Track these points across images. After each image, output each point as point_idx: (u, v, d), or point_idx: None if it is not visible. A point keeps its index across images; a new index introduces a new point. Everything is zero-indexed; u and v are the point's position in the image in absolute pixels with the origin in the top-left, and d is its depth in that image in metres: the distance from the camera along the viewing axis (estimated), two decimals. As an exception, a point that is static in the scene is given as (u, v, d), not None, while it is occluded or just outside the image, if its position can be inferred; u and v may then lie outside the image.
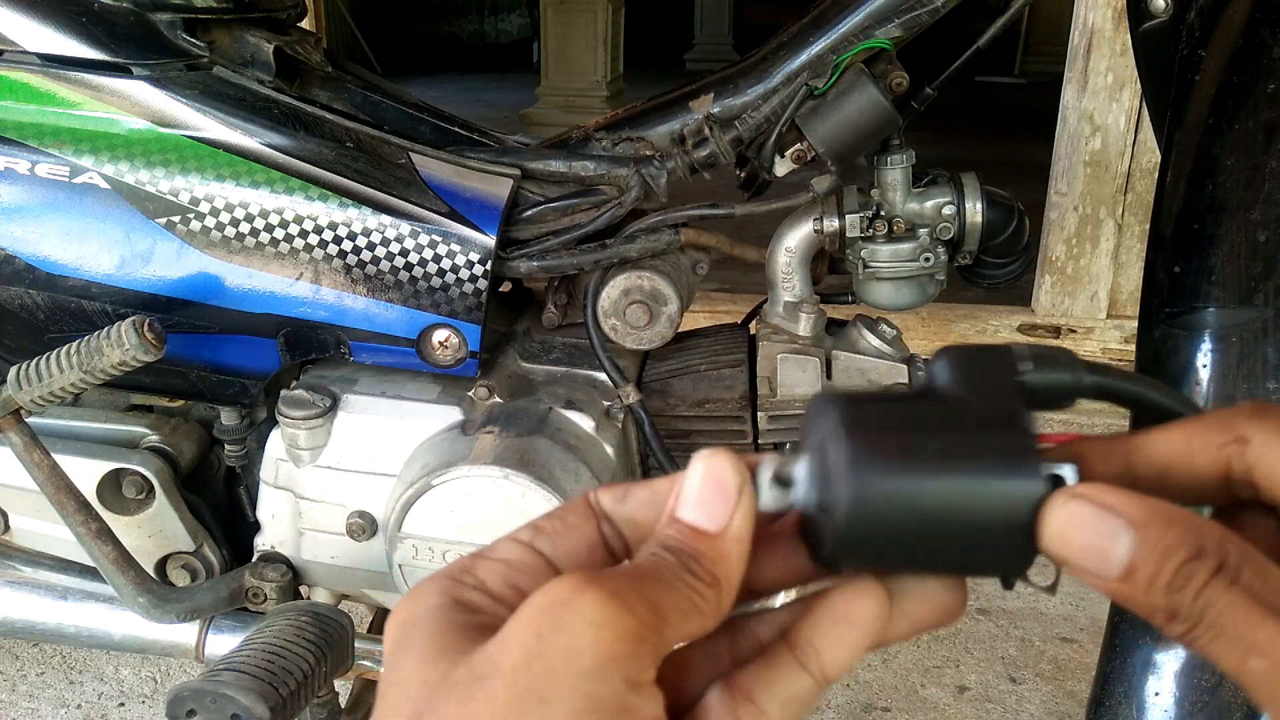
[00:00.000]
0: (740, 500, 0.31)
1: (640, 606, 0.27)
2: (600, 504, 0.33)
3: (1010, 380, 0.32)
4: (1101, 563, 0.29)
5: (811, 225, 0.86)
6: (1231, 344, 0.68)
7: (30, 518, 0.91)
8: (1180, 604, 0.28)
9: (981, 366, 0.32)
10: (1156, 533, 0.28)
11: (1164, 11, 0.77)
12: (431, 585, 0.31)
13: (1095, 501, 0.29)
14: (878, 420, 0.31)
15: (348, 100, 0.92)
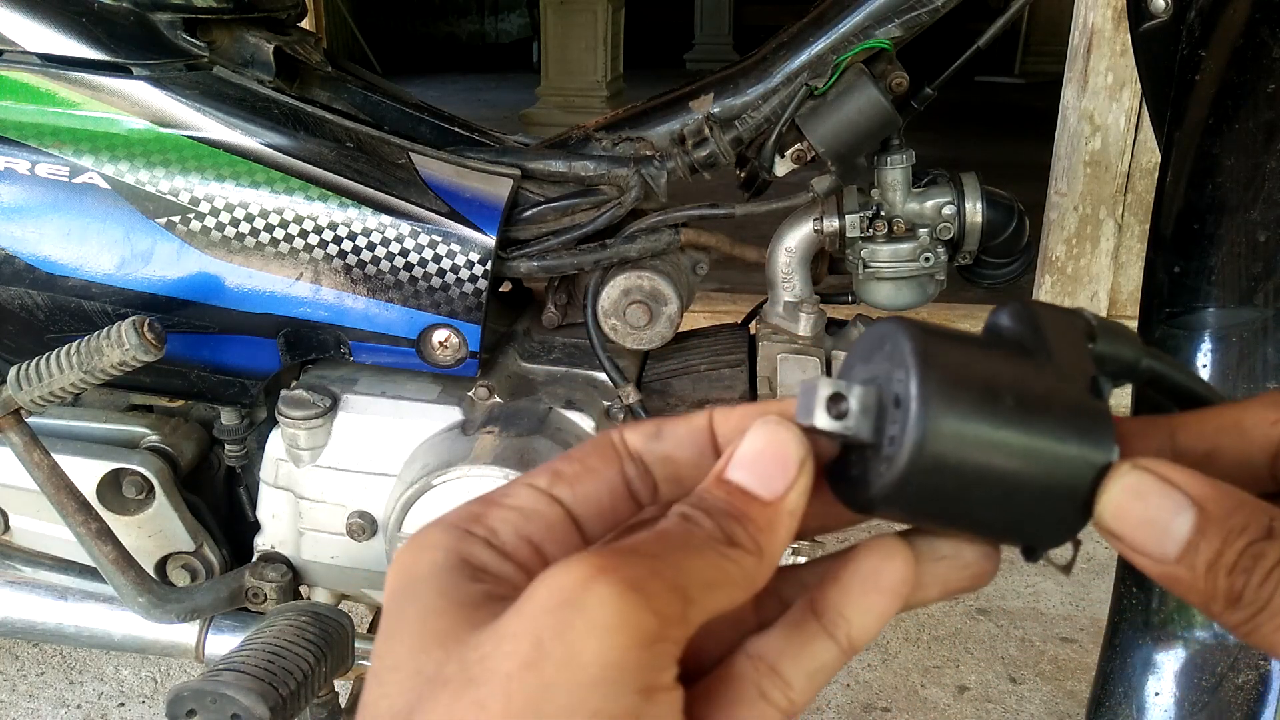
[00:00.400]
0: (801, 472, 0.28)
1: (662, 596, 0.25)
2: (628, 443, 0.31)
3: (1084, 345, 0.31)
4: (1160, 540, 0.27)
5: (811, 225, 0.86)
6: (1231, 344, 0.68)
7: (30, 518, 0.91)
8: (1245, 588, 0.26)
9: (1056, 327, 0.30)
10: (1223, 511, 0.27)
11: (1164, 11, 0.77)
12: (438, 535, 0.28)
13: (1159, 475, 0.27)
14: (955, 358, 0.28)
15: (348, 100, 0.92)
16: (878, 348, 0.30)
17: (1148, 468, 0.28)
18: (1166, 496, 0.27)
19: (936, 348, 0.28)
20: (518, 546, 0.28)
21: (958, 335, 0.29)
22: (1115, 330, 0.32)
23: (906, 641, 1.60)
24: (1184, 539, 0.27)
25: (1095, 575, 1.75)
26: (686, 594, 0.25)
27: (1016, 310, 0.31)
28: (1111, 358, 0.32)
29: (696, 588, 0.26)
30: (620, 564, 0.25)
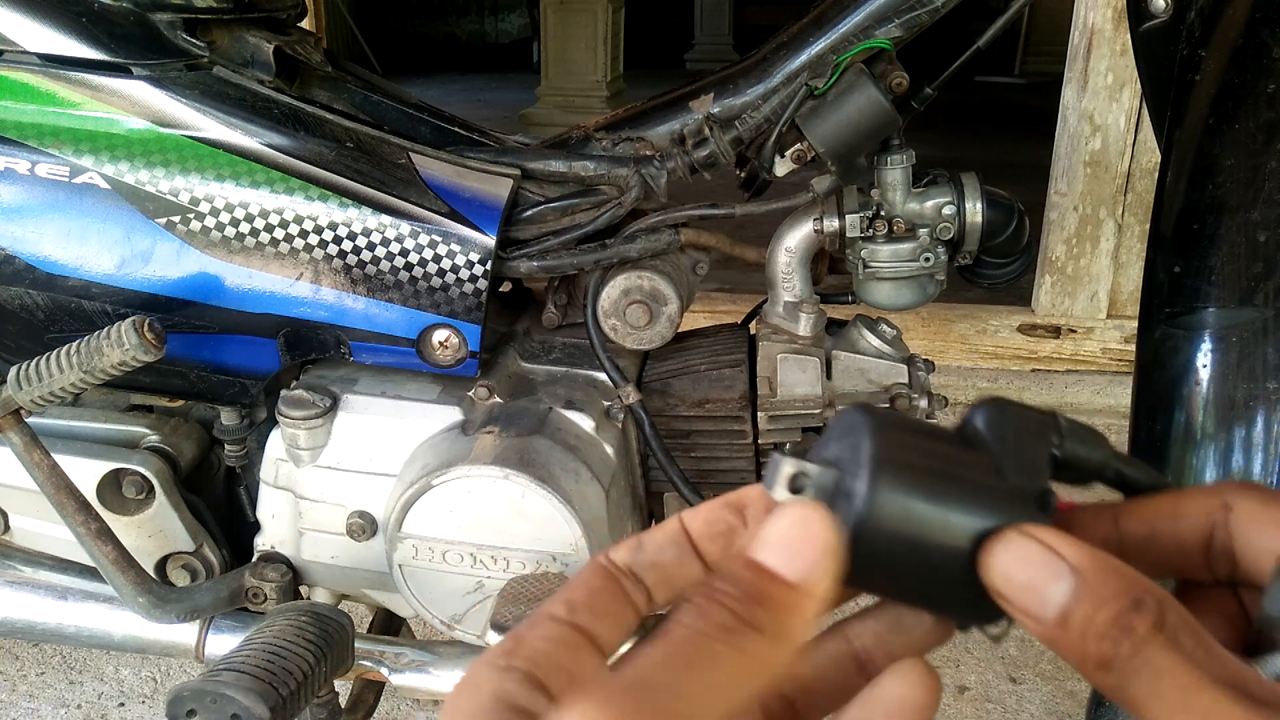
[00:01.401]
0: (830, 555, 0.28)
1: None
2: (615, 562, 0.32)
3: (1044, 450, 0.32)
4: (1040, 604, 0.28)
5: (811, 225, 0.86)
6: (1231, 344, 0.68)
7: (30, 518, 0.91)
8: (1114, 654, 0.28)
9: (1021, 428, 0.32)
10: (1099, 580, 0.28)
11: (1164, 11, 0.77)
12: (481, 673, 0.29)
13: (1041, 541, 0.29)
14: (908, 444, 0.31)
15: (348, 100, 0.92)
16: (848, 433, 0.31)
17: (1031, 534, 0.29)
18: (1047, 562, 0.29)
19: (892, 435, 0.30)
20: (552, 676, 0.29)
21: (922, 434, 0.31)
22: (1084, 434, 0.34)
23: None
24: (1061, 604, 0.28)
25: (1095, 575, 1.75)
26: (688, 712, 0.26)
27: (989, 413, 0.33)
28: (1077, 460, 0.33)
29: (700, 698, 0.26)
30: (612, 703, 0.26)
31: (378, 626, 1.01)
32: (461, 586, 0.80)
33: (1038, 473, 0.31)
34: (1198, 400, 0.68)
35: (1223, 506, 0.32)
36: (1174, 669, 0.27)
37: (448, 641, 0.87)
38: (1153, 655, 0.27)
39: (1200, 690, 0.27)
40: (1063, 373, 2.37)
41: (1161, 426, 0.70)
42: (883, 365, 0.87)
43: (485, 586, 0.80)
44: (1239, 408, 0.67)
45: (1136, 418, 0.73)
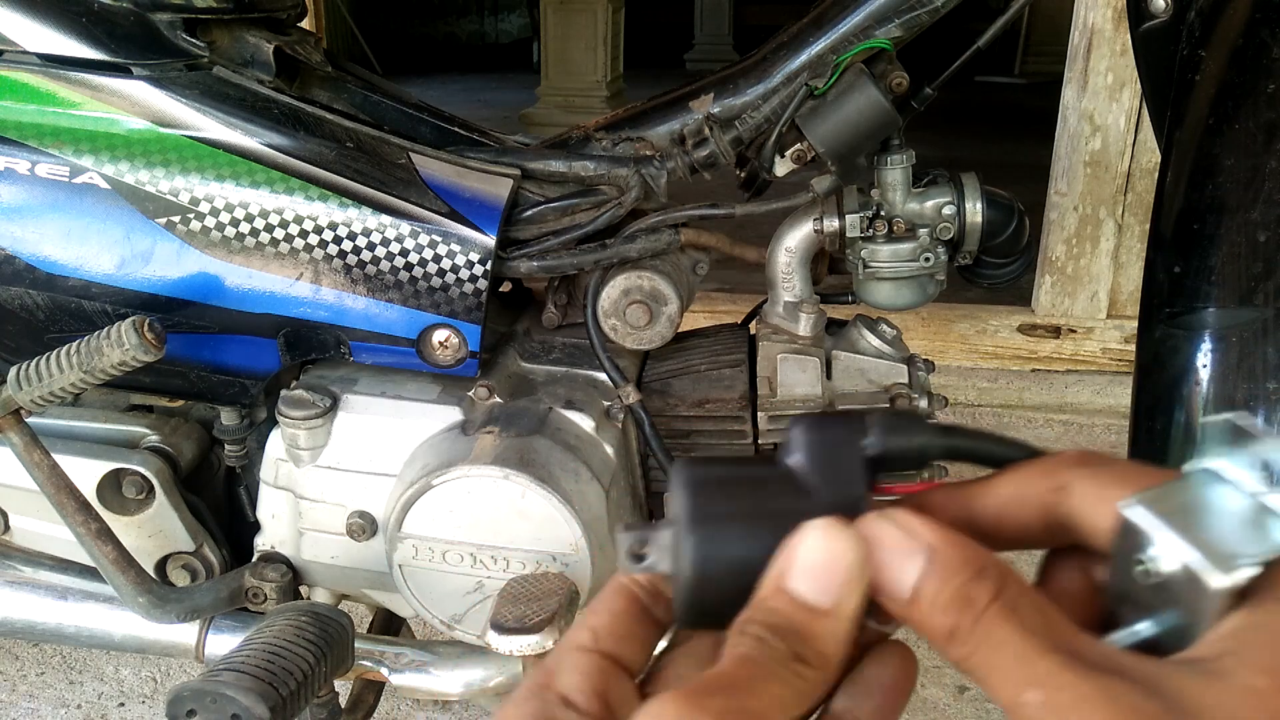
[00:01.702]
0: (856, 578, 0.30)
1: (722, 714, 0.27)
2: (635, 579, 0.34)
3: (855, 454, 0.34)
4: (898, 583, 0.29)
5: (811, 225, 0.86)
6: (1231, 344, 0.68)
7: (30, 518, 0.91)
8: (959, 626, 0.28)
9: (827, 441, 0.34)
10: (944, 555, 0.29)
11: (1164, 11, 0.77)
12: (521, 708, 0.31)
13: (899, 524, 0.30)
14: (720, 493, 0.33)
15: (348, 100, 0.92)
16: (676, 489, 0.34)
17: (890, 516, 0.30)
18: (903, 542, 0.30)
19: (705, 505, 0.33)
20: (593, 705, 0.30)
21: (734, 480, 0.34)
22: (897, 425, 0.35)
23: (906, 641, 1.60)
24: (914, 582, 0.29)
25: (1095, 575, 1.75)
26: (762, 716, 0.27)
27: (796, 435, 0.34)
28: (896, 451, 0.35)
29: (774, 710, 0.28)
30: (706, 701, 0.27)
31: (378, 626, 1.01)
32: (461, 586, 0.80)
33: (852, 479, 0.33)
34: (1198, 400, 0.68)
35: (1058, 488, 0.33)
36: (1011, 639, 0.28)
37: (448, 641, 0.87)
38: (993, 626, 0.28)
39: (1037, 659, 0.27)
40: (1063, 373, 2.37)
41: (1161, 426, 0.70)
42: (883, 365, 0.87)
43: (485, 586, 0.80)
44: (1239, 408, 0.67)
45: (1136, 418, 0.73)
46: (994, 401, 2.35)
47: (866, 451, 0.34)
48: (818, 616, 0.29)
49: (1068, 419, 2.30)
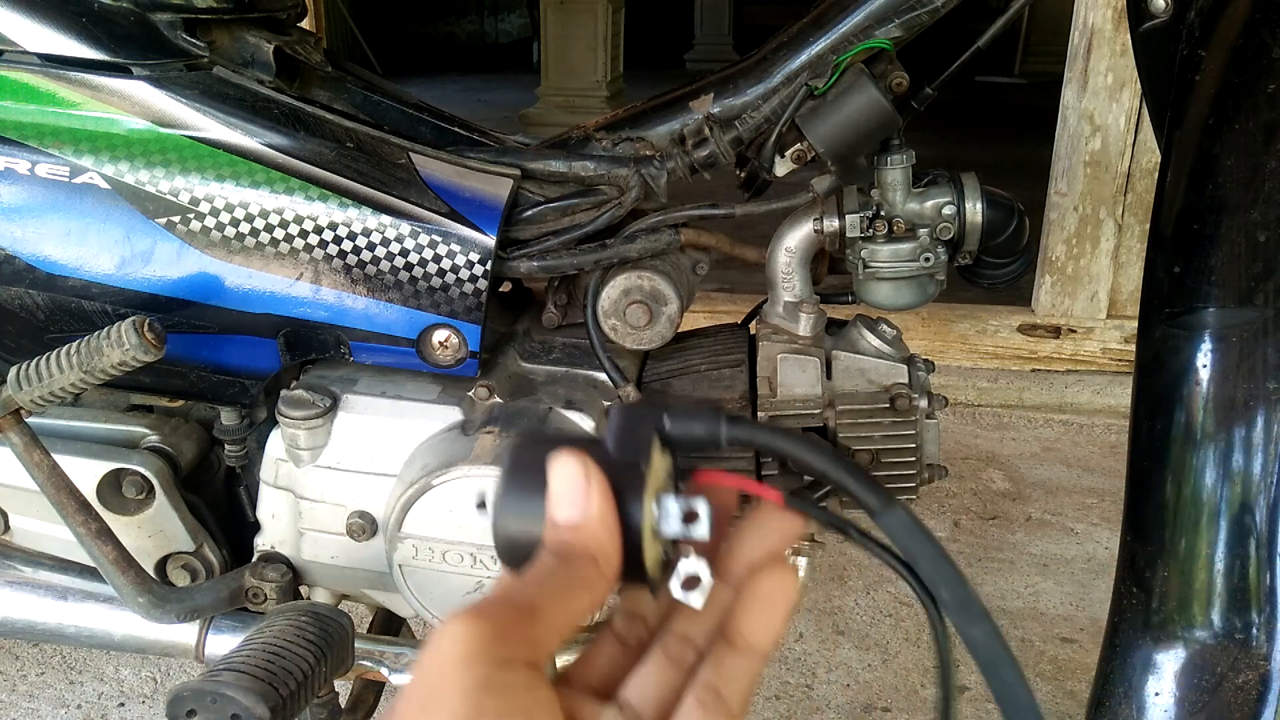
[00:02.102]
0: (591, 485, 0.37)
1: (501, 611, 0.35)
2: None
3: (648, 431, 0.40)
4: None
5: (811, 225, 0.86)
6: (1231, 344, 0.68)
7: (30, 518, 0.91)
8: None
9: (628, 419, 0.40)
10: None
11: (1164, 11, 0.77)
12: None
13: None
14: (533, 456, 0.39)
15: (348, 100, 0.92)
16: None
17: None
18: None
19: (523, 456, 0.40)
20: None
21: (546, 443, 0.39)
22: (689, 412, 0.41)
23: (906, 642, 1.60)
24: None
25: (1095, 575, 1.75)
26: (531, 607, 0.35)
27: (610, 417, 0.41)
28: (686, 436, 0.41)
29: (544, 601, 0.36)
30: (474, 605, 0.35)
31: (378, 626, 1.01)
32: (461, 586, 0.80)
33: (640, 447, 0.39)
34: (1198, 400, 0.68)
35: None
36: None
37: (448, 641, 0.87)
38: None
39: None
40: (1063, 373, 2.37)
41: (1161, 426, 0.70)
42: (883, 365, 0.87)
43: (485, 586, 0.80)
44: (1239, 408, 0.67)
45: (1136, 418, 0.73)
46: (994, 401, 2.36)
47: (663, 431, 0.40)
48: (576, 529, 0.37)
49: (1068, 419, 2.30)
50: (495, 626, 0.34)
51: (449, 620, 0.34)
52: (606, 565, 0.37)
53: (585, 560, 0.37)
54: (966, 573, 1.65)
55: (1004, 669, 0.36)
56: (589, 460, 0.38)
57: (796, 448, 0.39)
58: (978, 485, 2.05)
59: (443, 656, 0.33)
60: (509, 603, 0.35)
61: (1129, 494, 0.72)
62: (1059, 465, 2.13)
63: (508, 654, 0.34)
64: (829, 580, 1.75)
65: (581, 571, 0.37)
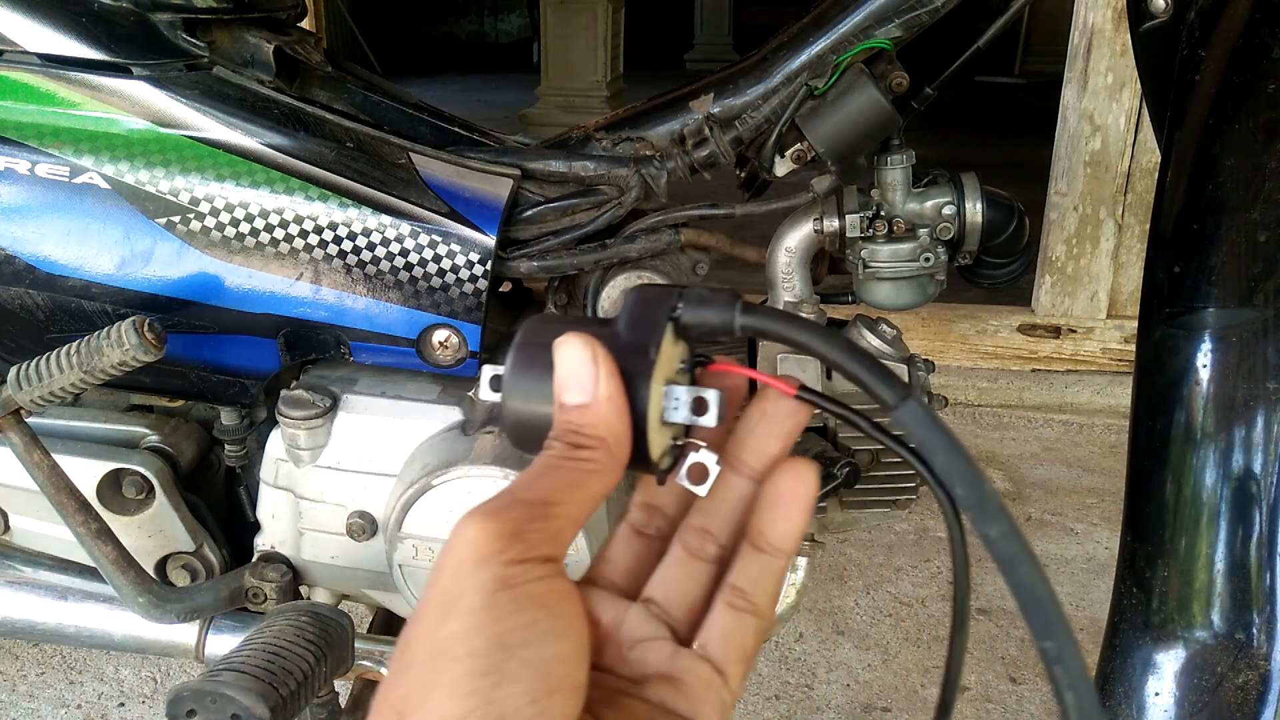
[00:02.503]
0: (598, 366, 0.36)
1: (512, 510, 0.34)
2: None
3: (662, 314, 0.38)
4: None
5: (811, 225, 0.86)
6: (1231, 344, 0.68)
7: (30, 518, 0.91)
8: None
9: (647, 304, 0.39)
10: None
11: (1164, 11, 0.77)
12: None
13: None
14: (543, 332, 0.39)
15: (348, 100, 0.92)
16: None
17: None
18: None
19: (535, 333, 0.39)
20: None
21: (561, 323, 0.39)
22: (704, 299, 0.39)
23: (906, 641, 1.60)
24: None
25: (1095, 575, 1.75)
26: (544, 500, 0.35)
27: (625, 300, 0.40)
28: (699, 322, 0.39)
29: (556, 492, 0.35)
30: (484, 504, 0.34)
31: (378, 626, 1.01)
32: (461, 586, 0.80)
33: (651, 331, 0.38)
34: (1198, 400, 0.68)
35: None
36: None
37: (448, 641, 0.87)
38: None
39: None
40: (1063, 373, 2.37)
41: (1161, 426, 0.70)
42: (883, 365, 0.87)
43: (485, 586, 0.80)
44: (1239, 408, 0.67)
45: (1136, 418, 0.73)
46: (994, 401, 2.36)
47: (676, 316, 0.39)
48: (583, 411, 0.36)
49: (1068, 419, 2.30)
50: (509, 525, 0.33)
51: (461, 522, 0.33)
52: (618, 448, 0.37)
53: (595, 444, 0.36)
54: (966, 573, 1.65)
55: (1022, 568, 0.34)
56: (596, 341, 0.37)
57: (811, 338, 0.37)
58: (978, 485, 2.04)
59: (459, 557, 0.33)
60: (520, 499, 0.34)
61: (1129, 494, 0.72)
62: (1059, 465, 2.13)
63: (523, 550, 0.33)
64: (829, 580, 1.75)
65: (592, 456, 0.36)
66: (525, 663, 0.32)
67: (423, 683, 0.32)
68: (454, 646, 0.32)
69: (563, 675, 0.33)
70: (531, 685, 0.32)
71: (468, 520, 0.34)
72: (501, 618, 0.32)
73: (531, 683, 0.32)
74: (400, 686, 0.32)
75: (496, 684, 0.31)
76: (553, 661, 0.33)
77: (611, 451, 0.36)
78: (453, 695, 0.31)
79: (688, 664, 0.38)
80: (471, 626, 0.32)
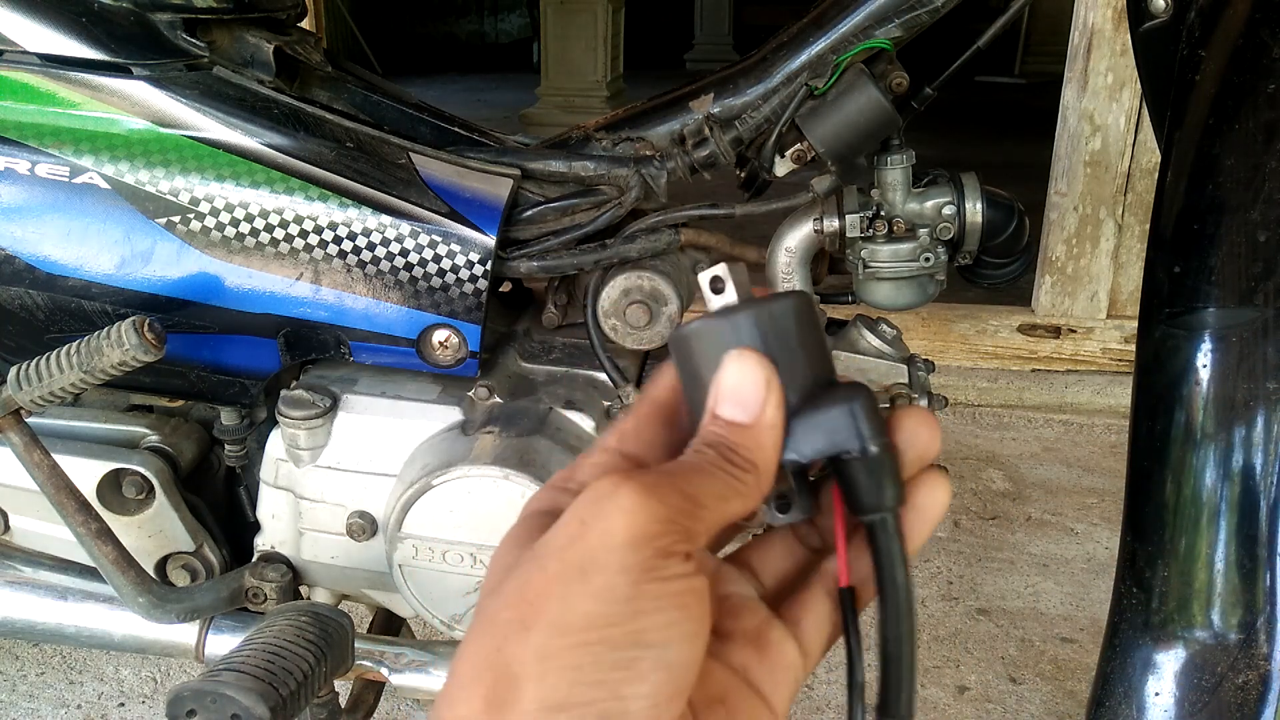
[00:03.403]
0: (770, 393, 0.36)
1: (672, 496, 0.33)
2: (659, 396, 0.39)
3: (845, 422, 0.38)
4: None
5: (811, 225, 0.86)
6: (1231, 344, 0.68)
7: (30, 518, 0.91)
8: None
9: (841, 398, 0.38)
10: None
11: (1164, 11, 0.77)
12: (538, 493, 0.39)
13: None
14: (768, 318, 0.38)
15: (348, 100, 0.92)
16: None
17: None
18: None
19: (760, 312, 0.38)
20: None
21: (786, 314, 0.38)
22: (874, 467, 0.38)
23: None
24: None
25: (1095, 575, 1.75)
26: (696, 499, 0.34)
27: None
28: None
29: (706, 496, 0.34)
30: (642, 476, 0.33)
31: (378, 626, 1.01)
32: (461, 586, 0.80)
33: None
34: (1198, 400, 0.68)
35: None
36: None
37: (448, 641, 0.87)
38: None
39: None
40: (1063, 373, 2.37)
41: (1161, 426, 0.70)
42: (883, 365, 0.87)
43: (485, 586, 0.80)
44: (1239, 408, 0.67)
45: (1136, 418, 0.73)
46: (994, 401, 2.36)
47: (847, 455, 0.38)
48: (743, 429, 0.35)
49: (1068, 419, 2.30)
50: (666, 512, 0.32)
51: (618, 490, 0.32)
52: (765, 478, 0.36)
53: (748, 466, 0.35)
54: (967, 573, 1.64)
55: None
56: (773, 369, 0.36)
57: None
58: (978, 485, 2.05)
59: (609, 526, 0.32)
60: (679, 489, 0.33)
61: (1129, 494, 0.72)
62: (1059, 465, 2.13)
63: (671, 543, 0.32)
64: (829, 580, 1.74)
65: (743, 477, 0.35)
66: (658, 664, 0.31)
67: (545, 652, 0.31)
68: (588, 629, 0.31)
69: (687, 681, 0.32)
70: (659, 687, 0.31)
71: (625, 488, 0.32)
72: (643, 614, 0.31)
73: (660, 685, 0.31)
74: (517, 647, 0.31)
75: (626, 680, 0.31)
76: (682, 666, 0.32)
77: (759, 479, 0.36)
78: (576, 679, 0.30)
79: (778, 636, 0.38)
80: (612, 614, 0.31)
